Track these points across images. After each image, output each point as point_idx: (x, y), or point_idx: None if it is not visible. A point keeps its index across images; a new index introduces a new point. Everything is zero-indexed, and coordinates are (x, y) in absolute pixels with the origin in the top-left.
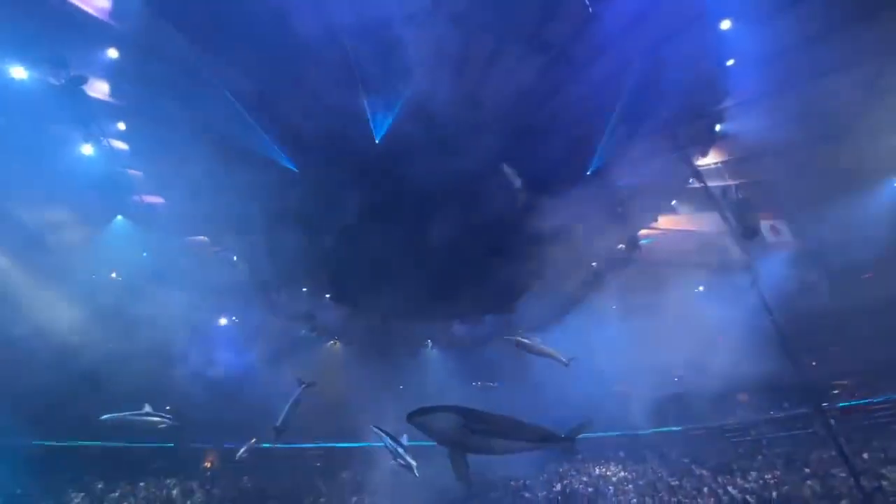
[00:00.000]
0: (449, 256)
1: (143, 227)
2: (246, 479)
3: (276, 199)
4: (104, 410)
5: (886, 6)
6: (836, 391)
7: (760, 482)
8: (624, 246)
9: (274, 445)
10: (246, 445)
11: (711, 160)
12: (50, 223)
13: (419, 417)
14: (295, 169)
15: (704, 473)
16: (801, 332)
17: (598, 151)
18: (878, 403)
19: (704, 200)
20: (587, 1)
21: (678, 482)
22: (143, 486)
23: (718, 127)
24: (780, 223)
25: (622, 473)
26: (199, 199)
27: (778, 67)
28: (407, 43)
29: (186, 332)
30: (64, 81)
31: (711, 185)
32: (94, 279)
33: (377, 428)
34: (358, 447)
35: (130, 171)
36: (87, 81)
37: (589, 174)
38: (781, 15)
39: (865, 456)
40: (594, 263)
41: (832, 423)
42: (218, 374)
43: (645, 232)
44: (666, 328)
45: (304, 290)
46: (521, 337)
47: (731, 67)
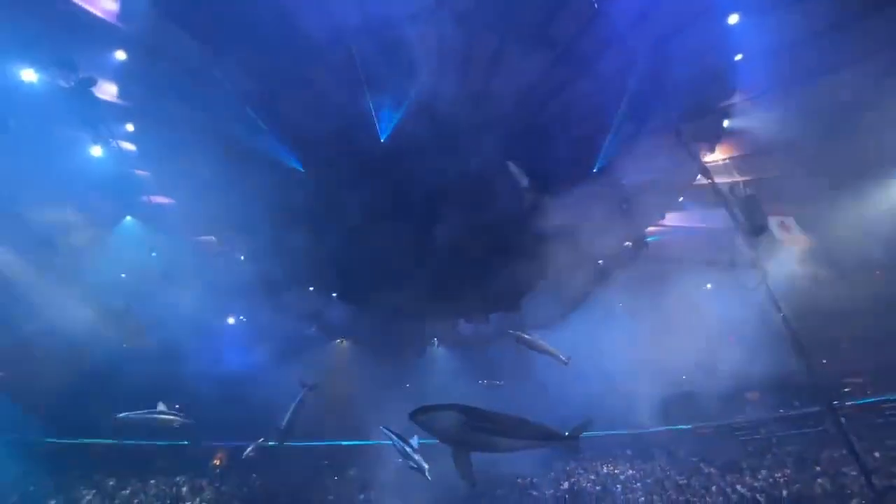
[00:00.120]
0: (455, 255)
1: (151, 227)
2: (255, 476)
3: (282, 198)
4: (115, 409)
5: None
6: (847, 389)
7: (770, 481)
8: (631, 244)
9: (281, 444)
10: (253, 445)
11: (719, 156)
12: (60, 224)
13: (422, 416)
14: (301, 168)
15: (713, 472)
16: (811, 329)
17: (603, 149)
18: (889, 401)
19: (712, 197)
20: None
21: (686, 481)
22: (153, 483)
23: (726, 123)
24: (789, 220)
25: (630, 472)
26: (206, 199)
27: (786, 62)
28: (412, 42)
29: (195, 331)
30: (73, 84)
31: (719, 181)
32: (104, 279)
33: (387, 430)
34: (365, 445)
35: (139, 171)
36: (96, 83)
37: (595, 171)
38: (789, 9)
39: (877, 454)
40: (600, 261)
41: (843, 421)
42: (226, 372)
43: (652, 229)
44: (673, 326)
45: (310, 289)
46: (521, 333)
47: (738, 62)
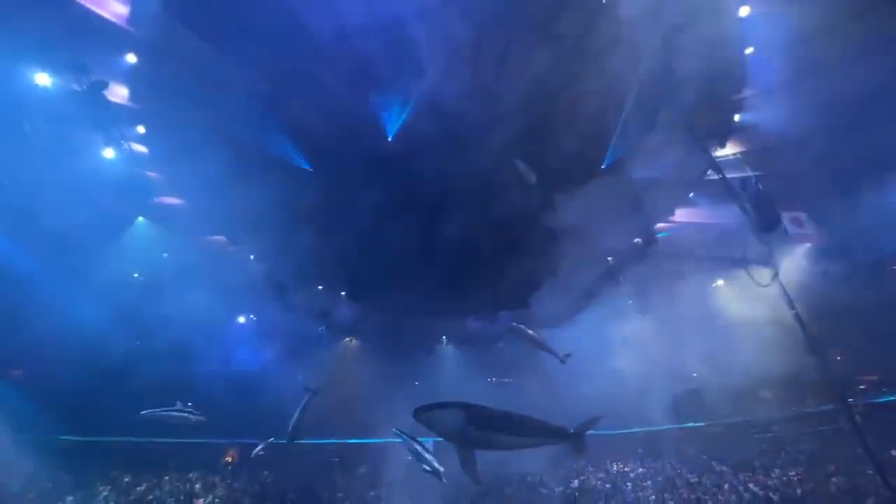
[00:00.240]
0: (463, 253)
1: (163, 227)
2: (266, 473)
3: (291, 198)
4: (129, 407)
5: None
6: (862, 386)
7: (784, 479)
8: (640, 240)
9: (291, 442)
10: (262, 444)
11: (730, 151)
12: (74, 225)
13: (425, 414)
14: (309, 168)
15: (725, 470)
16: (825, 326)
17: (612, 145)
18: None
19: (723, 193)
20: None
21: (697, 479)
22: (167, 479)
23: (737, 117)
24: (802, 215)
25: (640, 470)
26: (216, 199)
27: (799, 55)
28: (419, 38)
29: (206, 330)
30: (86, 87)
31: (730, 177)
32: (117, 279)
33: (401, 432)
34: (375, 443)
35: (150, 173)
36: (107, 86)
37: (604, 168)
38: (802, 1)
39: (893, 453)
40: (610, 258)
41: (858, 419)
42: (237, 370)
43: (662, 226)
44: (684, 323)
45: (320, 288)
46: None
47: (750, 55)
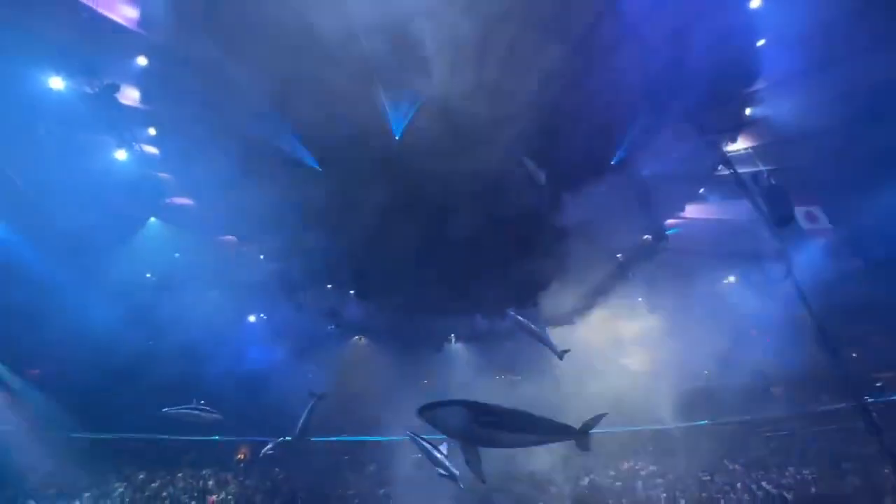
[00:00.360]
0: (472, 251)
1: (175, 228)
2: (277, 470)
3: (300, 197)
4: (142, 405)
5: None
6: (879, 384)
7: (798, 478)
8: (650, 237)
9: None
10: (272, 443)
11: (741, 146)
12: (88, 226)
13: (428, 412)
14: (318, 167)
15: (737, 468)
16: (840, 322)
17: (622, 140)
18: None
19: (734, 188)
20: None
21: (709, 477)
22: (180, 476)
23: (748, 111)
24: (816, 209)
25: (651, 468)
26: (226, 199)
27: (811, 46)
28: (425, 35)
29: (217, 329)
30: (97, 90)
31: (742, 171)
32: (130, 279)
33: (416, 436)
34: (384, 441)
35: (161, 174)
36: (119, 89)
37: (613, 164)
38: None
39: None
40: (619, 255)
41: (875, 417)
42: (248, 369)
43: (672, 222)
44: (695, 320)
45: (328, 286)
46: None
47: (761, 47)
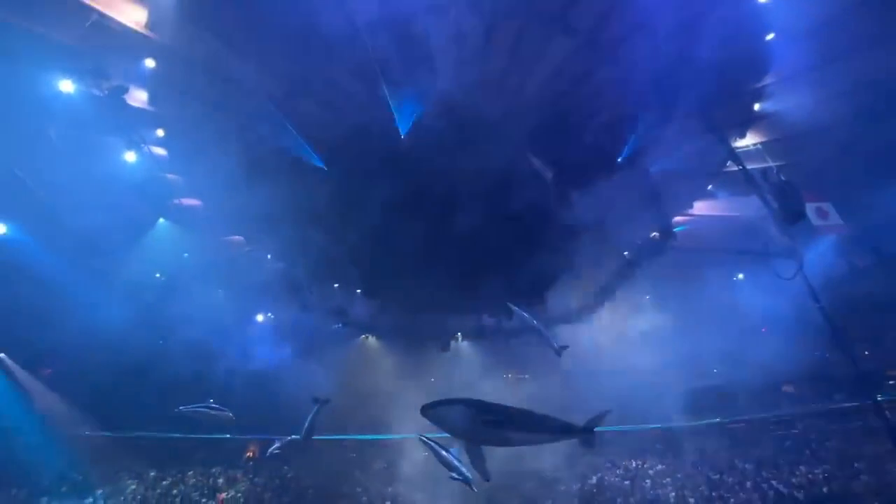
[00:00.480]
0: (478, 249)
1: (183, 228)
2: (286, 468)
3: (306, 197)
4: (152, 403)
5: None
6: (892, 381)
7: (809, 477)
8: (658, 234)
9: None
10: (279, 442)
11: (750, 141)
12: (98, 227)
13: (431, 410)
14: (324, 167)
15: (747, 467)
16: (852, 319)
17: (630, 136)
18: None
19: (743, 184)
20: None
21: (719, 476)
22: (191, 474)
23: (757, 106)
24: (827, 205)
25: (660, 466)
26: (234, 200)
27: (822, 40)
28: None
29: (226, 328)
30: (106, 92)
31: (751, 167)
32: (140, 279)
33: (427, 439)
34: (392, 439)
35: (170, 175)
36: (127, 91)
37: (621, 160)
38: None
39: None
40: (627, 253)
41: (888, 415)
42: (256, 367)
43: (680, 219)
44: (704, 318)
45: (335, 286)
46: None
47: (770, 41)
